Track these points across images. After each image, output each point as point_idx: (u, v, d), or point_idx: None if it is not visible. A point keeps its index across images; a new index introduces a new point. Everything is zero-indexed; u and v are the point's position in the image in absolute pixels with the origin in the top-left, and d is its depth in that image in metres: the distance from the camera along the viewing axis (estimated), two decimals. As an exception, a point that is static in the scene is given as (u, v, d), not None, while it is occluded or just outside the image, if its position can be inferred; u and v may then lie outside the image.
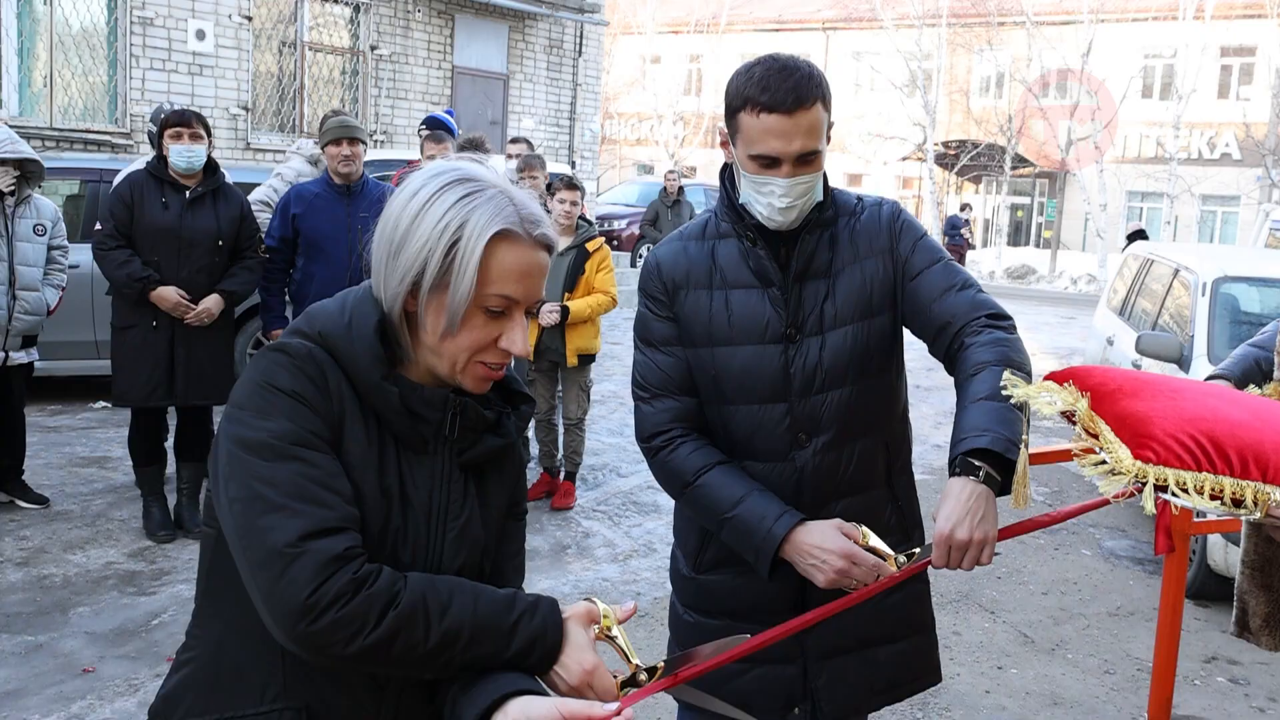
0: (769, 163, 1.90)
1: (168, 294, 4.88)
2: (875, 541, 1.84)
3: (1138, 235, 19.33)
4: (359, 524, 1.31)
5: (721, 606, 2.11)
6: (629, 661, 1.43)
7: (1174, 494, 1.66)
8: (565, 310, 5.73)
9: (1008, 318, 1.96)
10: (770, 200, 1.92)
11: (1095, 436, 1.78)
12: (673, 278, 2.05)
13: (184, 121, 4.91)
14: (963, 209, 21.63)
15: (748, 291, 2.01)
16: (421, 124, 7.51)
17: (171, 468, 5.40)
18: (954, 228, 19.27)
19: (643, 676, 1.44)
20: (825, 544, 1.84)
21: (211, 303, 4.98)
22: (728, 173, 2.05)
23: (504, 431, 1.49)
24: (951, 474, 1.75)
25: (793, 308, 1.99)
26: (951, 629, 4.68)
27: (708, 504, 1.98)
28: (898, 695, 2.18)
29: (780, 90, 1.85)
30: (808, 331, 2.00)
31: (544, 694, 1.33)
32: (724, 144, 2.02)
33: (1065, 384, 1.85)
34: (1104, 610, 5.06)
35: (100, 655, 3.98)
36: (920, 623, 2.20)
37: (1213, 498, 1.65)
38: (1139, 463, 1.67)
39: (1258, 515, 1.67)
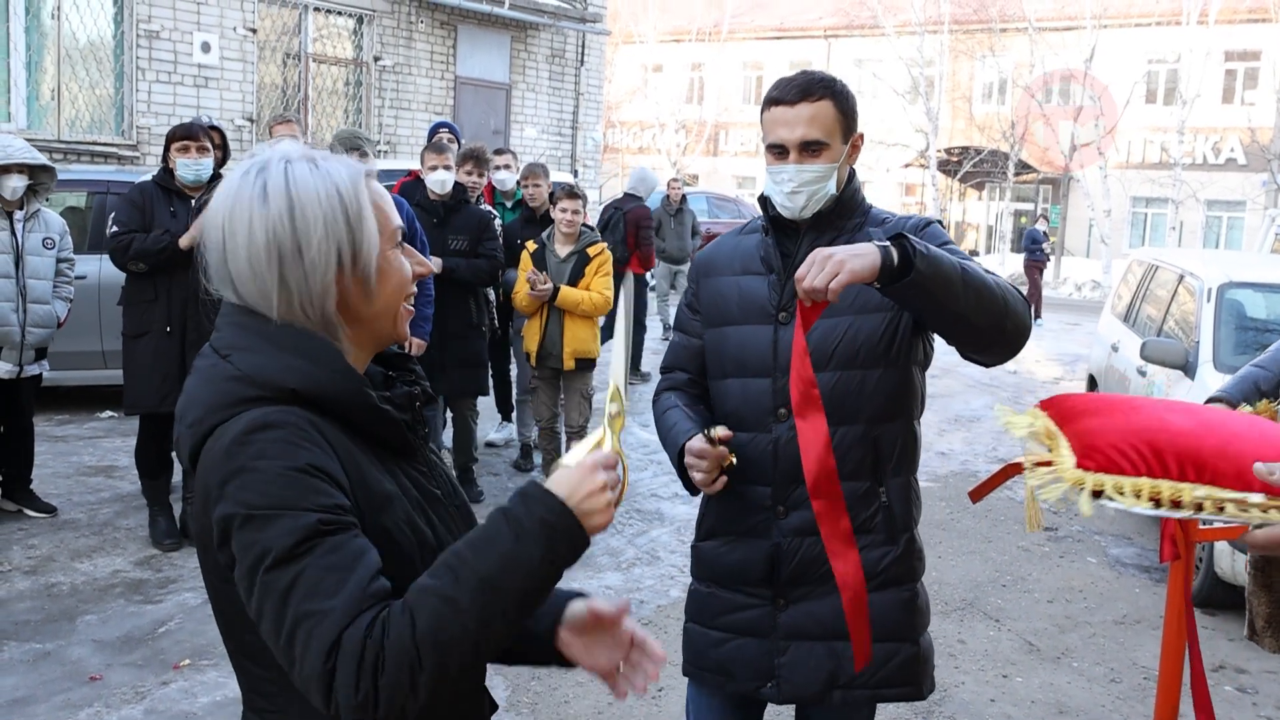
0: (779, 151, 2.12)
1: (191, 232, 4.82)
2: (721, 433, 2.11)
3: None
4: (376, 573, 1.22)
5: (709, 572, 2.30)
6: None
7: (1110, 498, 1.81)
8: (557, 289, 5.87)
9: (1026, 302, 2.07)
10: (781, 187, 2.14)
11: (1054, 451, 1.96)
12: (706, 269, 2.33)
13: (191, 135, 4.97)
14: (1038, 220, 20.71)
15: (755, 277, 2.23)
16: (442, 127, 7.48)
17: (178, 476, 5.42)
18: (1034, 242, 18.55)
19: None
20: (691, 448, 2.14)
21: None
22: None
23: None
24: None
25: (788, 293, 2.12)
26: (956, 637, 4.68)
27: (658, 423, 2.31)
28: (877, 698, 2.17)
29: (788, 86, 2.12)
30: None
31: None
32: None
33: (1039, 410, 2.06)
34: (1110, 618, 5.05)
35: (107, 663, 4.00)
36: (902, 630, 2.19)
37: (1151, 499, 1.80)
38: (1079, 471, 1.85)
39: (1190, 514, 1.79)
